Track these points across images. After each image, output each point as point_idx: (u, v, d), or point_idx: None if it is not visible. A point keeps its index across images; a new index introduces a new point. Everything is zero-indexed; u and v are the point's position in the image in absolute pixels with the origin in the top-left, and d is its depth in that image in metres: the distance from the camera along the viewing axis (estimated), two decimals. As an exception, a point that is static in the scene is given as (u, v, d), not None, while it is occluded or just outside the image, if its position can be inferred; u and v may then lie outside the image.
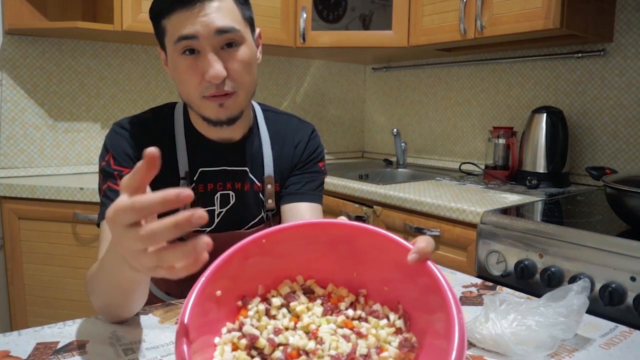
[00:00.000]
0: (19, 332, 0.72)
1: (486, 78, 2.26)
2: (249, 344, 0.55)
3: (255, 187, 1.00)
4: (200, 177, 0.95)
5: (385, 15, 2.41)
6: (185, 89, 0.87)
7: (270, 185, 1.00)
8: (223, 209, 0.97)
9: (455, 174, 2.18)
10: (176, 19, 0.82)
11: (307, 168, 1.05)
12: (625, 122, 1.80)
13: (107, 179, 0.89)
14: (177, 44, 0.82)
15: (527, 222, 1.32)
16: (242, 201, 0.98)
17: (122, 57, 2.15)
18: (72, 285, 1.72)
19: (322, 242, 0.64)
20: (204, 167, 0.95)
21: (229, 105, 0.87)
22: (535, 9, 1.65)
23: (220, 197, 0.96)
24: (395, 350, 0.56)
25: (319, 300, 0.63)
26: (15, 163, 1.95)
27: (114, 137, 0.92)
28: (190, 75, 0.84)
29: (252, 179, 0.99)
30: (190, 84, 0.85)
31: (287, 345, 0.55)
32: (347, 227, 0.63)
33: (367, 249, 0.63)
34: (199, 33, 0.81)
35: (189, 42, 0.82)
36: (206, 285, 0.56)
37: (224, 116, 0.87)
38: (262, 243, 0.62)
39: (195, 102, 0.87)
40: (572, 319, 0.68)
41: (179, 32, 0.81)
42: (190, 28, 0.81)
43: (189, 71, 0.84)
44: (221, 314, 0.58)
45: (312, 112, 2.71)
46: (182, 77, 0.85)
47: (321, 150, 1.09)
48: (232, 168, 0.97)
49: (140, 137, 0.92)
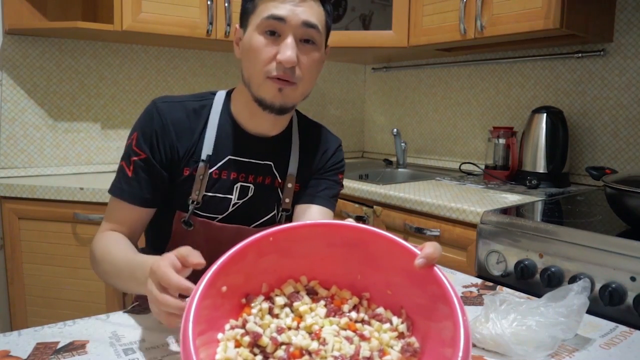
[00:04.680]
0: (19, 332, 0.72)
1: (486, 78, 2.26)
2: (252, 341, 0.55)
3: (276, 182, 1.01)
4: (225, 164, 0.96)
5: (385, 15, 2.41)
6: (252, 65, 0.89)
7: (290, 184, 1.02)
8: (240, 200, 0.98)
9: (455, 174, 2.18)
10: (272, 1, 0.86)
11: (329, 175, 1.07)
12: (625, 122, 1.80)
13: (125, 159, 0.94)
14: (265, 21, 0.86)
15: (527, 222, 1.32)
16: (260, 195, 0.99)
17: (122, 57, 2.15)
18: (72, 285, 1.72)
19: (327, 244, 0.64)
20: (233, 156, 0.96)
21: (287, 93, 0.89)
22: (535, 9, 1.65)
23: (240, 187, 0.97)
24: (397, 354, 0.56)
25: (322, 301, 0.63)
26: (15, 163, 1.95)
27: (145, 117, 0.95)
28: (263, 52, 0.86)
29: (275, 173, 1.01)
30: (260, 61, 0.87)
31: (289, 345, 0.55)
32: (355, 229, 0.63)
33: (373, 252, 0.63)
34: (288, 18, 0.85)
35: (276, 22, 0.85)
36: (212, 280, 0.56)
37: (278, 102, 0.90)
38: (270, 241, 0.62)
39: (257, 80, 0.89)
40: (572, 319, 0.68)
41: (270, 10, 0.85)
42: (282, 10, 0.85)
43: (265, 48, 0.86)
44: (225, 311, 0.58)
45: (312, 112, 2.71)
46: (255, 54, 0.87)
47: (344, 163, 1.11)
48: (258, 161, 0.99)
49: (169, 117, 0.93)
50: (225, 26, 1.97)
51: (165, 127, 0.93)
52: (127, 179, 0.92)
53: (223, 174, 0.96)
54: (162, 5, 1.86)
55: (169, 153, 0.93)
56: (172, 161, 0.94)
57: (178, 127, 0.94)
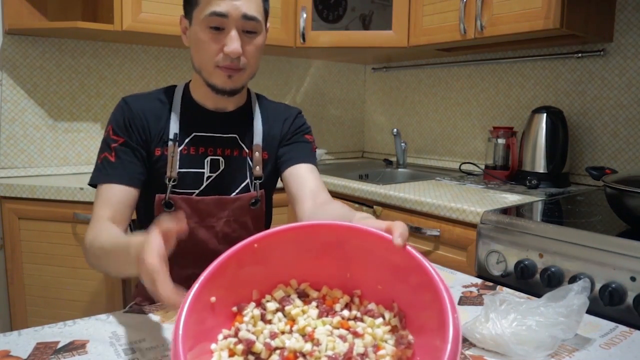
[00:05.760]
0: (19, 332, 0.72)
1: (486, 78, 2.26)
2: (245, 349, 0.55)
3: (244, 153, 1.09)
4: (192, 140, 1.04)
5: (385, 15, 2.41)
6: (202, 57, 0.98)
7: (258, 153, 1.09)
8: (212, 173, 1.06)
9: (455, 174, 2.18)
10: None
11: (296, 139, 1.14)
12: (625, 122, 1.80)
13: (105, 149, 1.01)
14: (208, 17, 0.93)
15: (527, 222, 1.32)
16: (231, 167, 1.07)
17: (122, 57, 2.15)
18: (72, 285, 1.72)
19: (314, 245, 0.64)
20: (197, 132, 1.05)
21: (236, 78, 0.99)
22: (535, 9, 1.65)
23: (210, 161, 1.05)
24: (392, 348, 0.56)
25: (314, 302, 0.63)
26: (15, 163, 1.95)
27: (116, 111, 1.04)
28: (210, 46, 0.95)
29: (241, 145, 1.09)
30: (208, 53, 0.96)
31: (283, 349, 0.55)
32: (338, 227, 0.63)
33: (358, 249, 0.63)
34: (229, 13, 0.93)
35: (219, 19, 0.93)
36: (199, 292, 0.56)
37: (229, 87, 1.00)
38: (254, 248, 0.62)
39: (207, 69, 0.98)
40: (572, 319, 0.68)
41: (212, 7, 0.93)
42: (223, 7, 0.93)
43: (211, 42, 0.95)
44: (217, 321, 0.58)
45: (312, 112, 2.71)
46: (203, 46, 0.96)
47: (307, 126, 1.18)
48: (223, 135, 1.07)
49: (137, 107, 1.03)
50: (225, 26, 1.97)
51: (135, 114, 1.02)
52: (110, 164, 0.99)
53: (192, 149, 1.04)
54: (162, 5, 1.86)
55: (142, 134, 1.01)
56: (146, 142, 1.02)
57: (146, 114, 1.03)
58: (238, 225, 1.08)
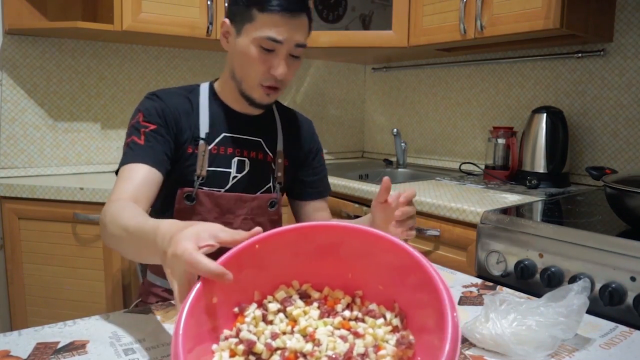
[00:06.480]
0: (19, 332, 0.72)
1: (486, 78, 2.26)
2: (246, 349, 0.55)
3: (268, 158, 1.13)
4: (221, 141, 1.07)
5: (385, 15, 2.41)
6: (246, 72, 1.01)
7: (280, 159, 1.14)
8: (238, 174, 1.08)
9: (455, 174, 2.18)
10: (271, 18, 0.95)
11: (318, 162, 1.23)
12: (625, 122, 1.80)
13: (133, 133, 1.00)
14: (264, 40, 0.96)
15: (527, 222, 1.32)
16: (256, 169, 1.11)
17: (122, 57, 2.15)
18: (72, 285, 1.72)
19: (315, 245, 0.65)
20: (227, 133, 1.08)
21: (273, 96, 1.04)
22: (535, 9, 1.65)
23: (237, 162, 1.08)
24: (392, 348, 0.56)
25: (316, 303, 0.63)
26: (15, 163, 1.95)
27: (146, 101, 1.05)
28: (259, 65, 0.98)
29: (265, 150, 1.13)
30: (255, 71, 0.99)
31: (284, 349, 0.55)
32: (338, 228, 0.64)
33: (359, 249, 0.63)
34: (285, 40, 0.96)
35: (274, 43, 0.96)
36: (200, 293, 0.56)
37: (265, 102, 1.05)
38: (256, 249, 0.62)
39: (250, 84, 1.02)
40: (572, 319, 0.68)
41: (270, 32, 0.95)
42: (282, 34, 0.95)
43: (260, 61, 0.98)
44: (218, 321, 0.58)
45: (312, 112, 2.71)
46: (250, 63, 0.99)
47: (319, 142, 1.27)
48: (250, 137, 1.10)
49: (168, 101, 1.04)
50: (225, 26, 1.97)
51: (167, 107, 1.03)
52: (138, 146, 0.98)
53: (221, 149, 1.07)
54: (162, 5, 1.86)
55: (174, 128, 1.02)
56: (176, 136, 1.03)
57: (178, 109, 1.04)
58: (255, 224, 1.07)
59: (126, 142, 1.00)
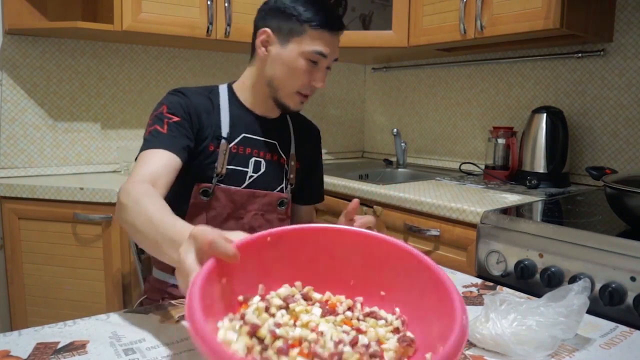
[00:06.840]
0: (19, 331, 0.72)
1: (486, 78, 2.26)
2: (250, 331, 0.55)
3: (282, 160, 1.19)
4: (241, 141, 1.12)
5: (385, 15, 2.41)
6: (288, 80, 1.08)
7: (293, 162, 1.20)
8: (254, 173, 1.13)
9: (455, 174, 2.18)
10: (320, 35, 1.05)
11: (320, 166, 1.32)
12: (625, 122, 1.80)
13: (156, 123, 1.03)
14: (313, 54, 1.05)
15: (527, 222, 1.32)
16: (271, 170, 1.16)
17: (122, 57, 2.15)
18: (72, 285, 1.72)
19: (318, 247, 0.65)
20: (247, 134, 1.13)
21: (304, 104, 1.13)
22: (535, 9, 1.65)
23: (254, 162, 1.14)
24: (395, 343, 0.56)
25: (318, 304, 0.63)
26: (15, 163, 1.95)
27: (169, 96, 1.08)
28: (304, 75, 1.07)
29: (280, 152, 1.18)
30: (299, 81, 1.07)
31: (287, 339, 0.55)
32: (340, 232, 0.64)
33: (364, 253, 0.64)
34: (328, 54, 1.07)
35: (320, 57, 1.06)
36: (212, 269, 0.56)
37: (298, 109, 1.14)
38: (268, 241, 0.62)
39: (288, 91, 1.09)
40: (572, 319, 0.68)
41: (319, 47, 1.05)
42: (327, 49, 1.06)
43: (305, 73, 1.07)
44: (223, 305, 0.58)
45: (312, 112, 2.71)
46: (297, 74, 1.07)
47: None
48: (267, 139, 1.16)
49: (192, 98, 1.08)
50: (225, 26, 1.97)
51: (192, 104, 1.07)
52: (160, 134, 1.00)
53: (240, 149, 1.11)
54: (162, 5, 1.86)
55: (196, 124, 1.06)
56: (198, 134, 1.07)
57: (201, 107, 1.08)
58: (264, 220, 1.15)
59: (148, 130, 1.02)
